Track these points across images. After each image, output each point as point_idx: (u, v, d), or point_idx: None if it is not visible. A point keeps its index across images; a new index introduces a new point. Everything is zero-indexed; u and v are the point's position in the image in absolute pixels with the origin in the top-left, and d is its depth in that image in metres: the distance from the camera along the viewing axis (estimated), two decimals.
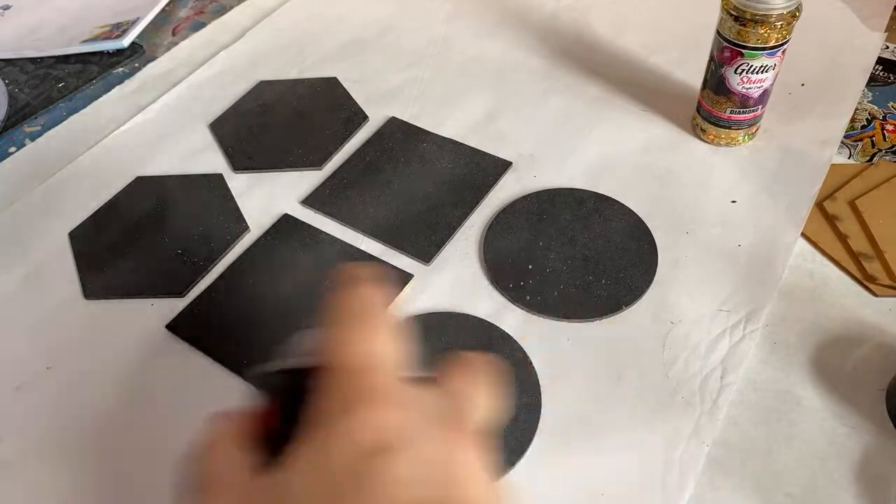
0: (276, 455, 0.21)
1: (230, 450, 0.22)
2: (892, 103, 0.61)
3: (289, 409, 0.22)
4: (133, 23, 0.70)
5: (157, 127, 0.61)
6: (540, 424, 0.41)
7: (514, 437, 0.40)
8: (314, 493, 0.19)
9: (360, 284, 0.24)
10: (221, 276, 0.49)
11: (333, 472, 0.19)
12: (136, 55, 0.69)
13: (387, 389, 0.21)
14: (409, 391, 0.22)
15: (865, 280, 0.47)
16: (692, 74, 0.61)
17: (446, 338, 0.45)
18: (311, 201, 0.54)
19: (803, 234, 0.50)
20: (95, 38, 0.70)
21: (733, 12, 0.49)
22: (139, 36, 0.70)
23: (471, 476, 0.20)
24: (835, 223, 0.51)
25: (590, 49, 0.67)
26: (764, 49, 0.49)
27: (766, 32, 0.48)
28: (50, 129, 0.62)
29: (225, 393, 0.43)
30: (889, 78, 0.63)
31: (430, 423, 0.21)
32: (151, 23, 0.71)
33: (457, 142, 0.58)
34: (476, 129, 0.59)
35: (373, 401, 0.20)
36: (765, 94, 0.53)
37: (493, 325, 0.45)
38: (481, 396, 0.24)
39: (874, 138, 0.57)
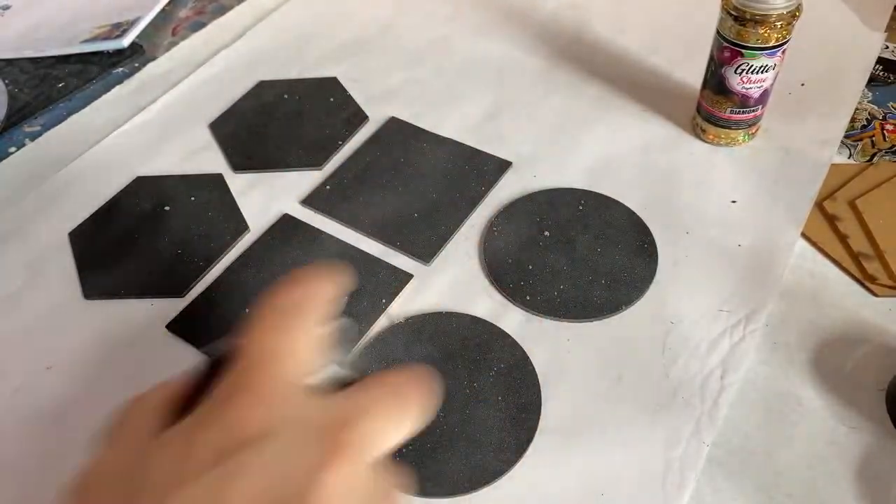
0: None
1: (147, 410, 0.23)
2: (892, 103, 0.61)
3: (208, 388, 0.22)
4: (133, 23, 0.70)
5: (157, 127, 0.61)
6: (540, 424, 0.41)
7: (514, 437, 0.40)
8: (166, 473, 0.19)
9: (303, 284, 0.24)
10: (221, 276, 0.49)
11: (190, 457, 0.19)
12: (136, 55, 0.69)
13: (273, 387, 0.21)
14: (298, 394, 0.21)
15: (865, 280, 0.47)
16: (692, 74, 0.61)
17: (445, 338, 0.45)
18: (310, 201, 0.54)
19: (803, 234, 0.50)
20: (95, 38, 0.70)
21: (733, 12, 0.49)
22: (139, 36, 0.70)
23: (325, 497, 0.19)
24: (835, 223, 0.51)
25: (590, 49, 0.67)
26: (764, 49, 0.49)
27: (766, 32, 0.48)
28: (50, 129, 0.62)
29: None
30: (889, 78, 0.63)
31: (307, 431, 0.20)
32: (151, 23, 0.71)
33: (457, 142, 0.58)
34: (476, 129, 0.59)
35: (252, 394, 0.20)
36: (765, 94, 0.53)
37: (492, 325, 0.45)
38: (385, 417, 0.22)
39: (874, 138, 0.57)
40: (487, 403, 0.42)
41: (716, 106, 0.54)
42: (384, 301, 0.47)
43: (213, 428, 0.20)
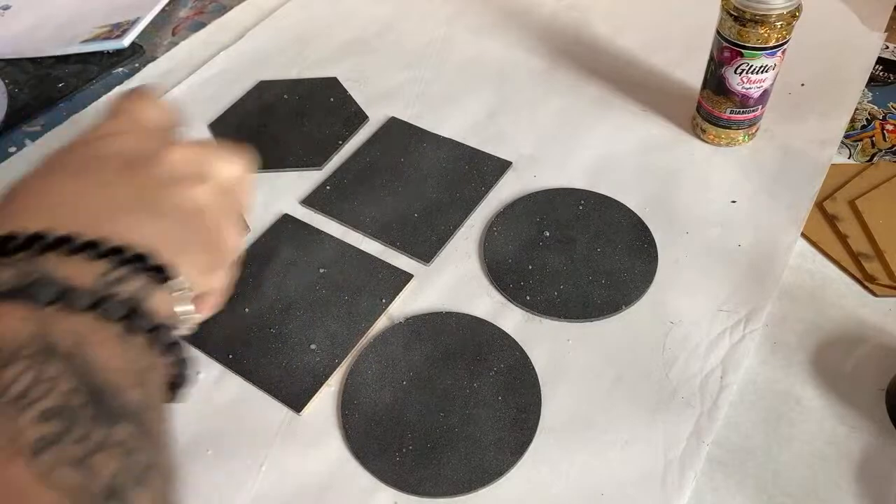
0: None
1: None
2: (892, 103, 0.61)
3: None
4: (133, 23, 0.70)
5: None
6: (540, 424, 0.41)
7: (514, 437, 0.40)
8: (67, 153, 0.29)
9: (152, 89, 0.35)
10: None
11: (81, 141, 0.30)
12: (136, 55, 0.69)
13: (135, 116, 0.32)
14: (151, 126, 0.32)
15: (865, 280, 0.47)
16: (692, 74, 0.61)
17: (446, 337, 0.45)
18: (310, 201, 0.54)
19: (803, 234, 0.50)
20: (95, 38, 0.70)
21: (733, 12, 0.49)
22: (139, 36, 0.70)
23: (167, 160, 0.29)
24: (835, 223, 0.51)
25: (590, 49, 0.67)
26: (764, 49, 0.49)
27: (765, 32, 0.48)
28: (50, 129, 0.62)
29: (224, 391, 0.43)
30: (889, 78, 0.63)
31: (156, 133, 0.31)
32: (151, 23, 0.71)
33: (457, 142, 0.58)
34: (476, 129, 0.59)
35: (117, 118, 0.32)
36: (765, 94, 0.53)
37: (492, 324, 0.45)
38: (220, 152, 0.32)
39: (874, 138, 0.58)
40: (487, 403, 0.42)
41: (716, 106, 0.54)
42: (384, 301, 0.47)
43: (92, 132, 0.30)
